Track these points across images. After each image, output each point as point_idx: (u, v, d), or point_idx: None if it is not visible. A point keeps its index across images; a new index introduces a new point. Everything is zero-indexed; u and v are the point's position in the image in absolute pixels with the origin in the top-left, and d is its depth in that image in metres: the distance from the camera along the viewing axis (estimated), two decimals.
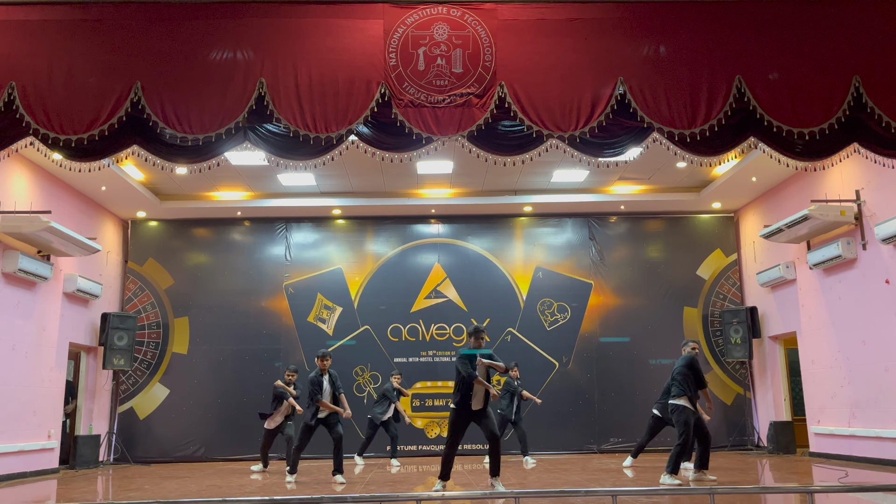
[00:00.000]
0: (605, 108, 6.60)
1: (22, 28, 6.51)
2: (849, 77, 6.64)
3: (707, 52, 6.72)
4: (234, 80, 6.52)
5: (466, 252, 14.07)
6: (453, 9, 6.72)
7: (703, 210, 14.00)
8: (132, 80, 6.44)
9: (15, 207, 10.16)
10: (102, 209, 13.02)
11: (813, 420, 11.66)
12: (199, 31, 6.60)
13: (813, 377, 11.66)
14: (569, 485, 8.42)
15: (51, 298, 11.29)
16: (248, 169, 12.02)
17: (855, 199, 10.42)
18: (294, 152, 6.96)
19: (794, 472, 9.18)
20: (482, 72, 6.64)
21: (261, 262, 13.92)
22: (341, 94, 6.56)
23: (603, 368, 13.59)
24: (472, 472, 10.04)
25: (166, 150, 6.88)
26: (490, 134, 6.87)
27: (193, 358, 13.44)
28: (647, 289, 13.90)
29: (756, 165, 11.41)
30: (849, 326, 10.67)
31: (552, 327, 13.76)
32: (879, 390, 9.97)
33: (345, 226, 14.11)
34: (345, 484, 8.78)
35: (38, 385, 10.86)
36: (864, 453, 10.22)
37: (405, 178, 12.71)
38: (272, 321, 13.66)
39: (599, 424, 13.38)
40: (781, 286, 12.50)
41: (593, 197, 13.46)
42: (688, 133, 6.61)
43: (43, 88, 6.39)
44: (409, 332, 13.70)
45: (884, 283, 9.89)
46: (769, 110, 6.59)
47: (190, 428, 13.13)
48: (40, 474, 10.74)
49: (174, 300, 13.65)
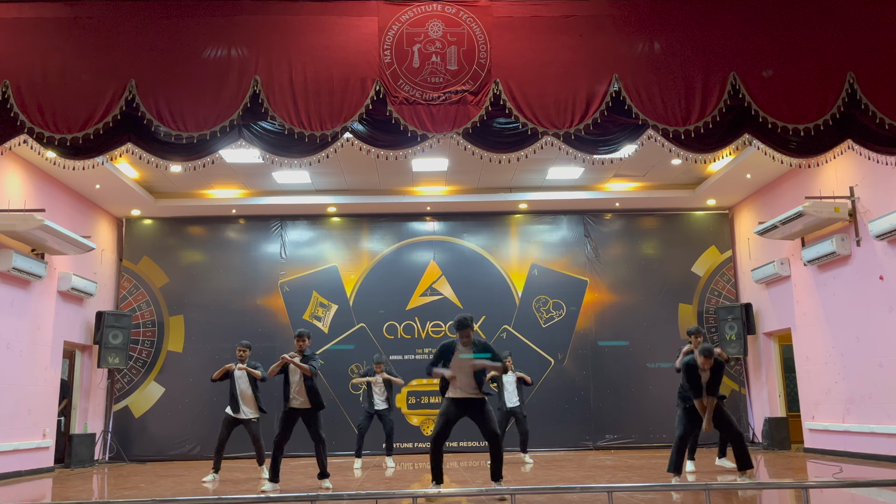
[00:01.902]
0: (600, 105, 6.61)
1: (15, 26, 6.49)
2: (843, 73, 6.66)
3: (702, 48, 6.73)
4: (229, 77, 6.52)
5: (462, 249, 14.07)
6: (448, 6, 6.72)
7: (697, 207, 14.03)
8: (127, 78, 6.43)
9: (9, 205, 10.13)
10: (97, 207, 12.98)
11: (807, 416, 11.70)
12: (194, 29, 6.59)
13: (807, 373, 11.70)
14: (564, 481, 8.44)
15: (45, 297, 11.26)
16: (243, 167, 12.00)
17: (849, 196, 10.45)
18: (289, 150, 6.95)
19: (789, 468, 9.21)
20: (477, 69, 6.64)
21: (256, 260, 13.90)
22: (336, 91, 6.56)
23: (598, 366, 13.61)
24: (468, 470, 10.05)
25: (161, 148, 6.87)
26: (485, 131, 6.88)
27: (189, 356, 13.42)
28: (642, 286, 13.92)
29: (751, 162, 11.43)
30: (843, 322, 10.71)
31: (548, 324, 13.78)
32: (873, 386, 10.01)
33: (340, 223, 14.10)
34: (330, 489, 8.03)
35: (33, 384, 10.84)
36: (859, 449, 10.26)
37: (400, 175, 12.70)
38: (267, 319, 13.65)
39: (595, 421, 13.41)
40: (776, 283, 12.54)
41: (588, 194, 13.47)
42: (682, 130, 6.63)
43: (37, 87, 6.38)
44: (404, 330, 13.70)
45: (878, 280, 9.93)
46: (764, 107, 6.61)
47: (185, 426, 13.11)
48: (35, 473, 10.72)
49: (169, 298, 13.63)
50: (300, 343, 8.37)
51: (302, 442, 9.62)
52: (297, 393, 8.24)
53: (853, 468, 9.05)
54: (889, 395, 9.68)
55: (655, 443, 13.22)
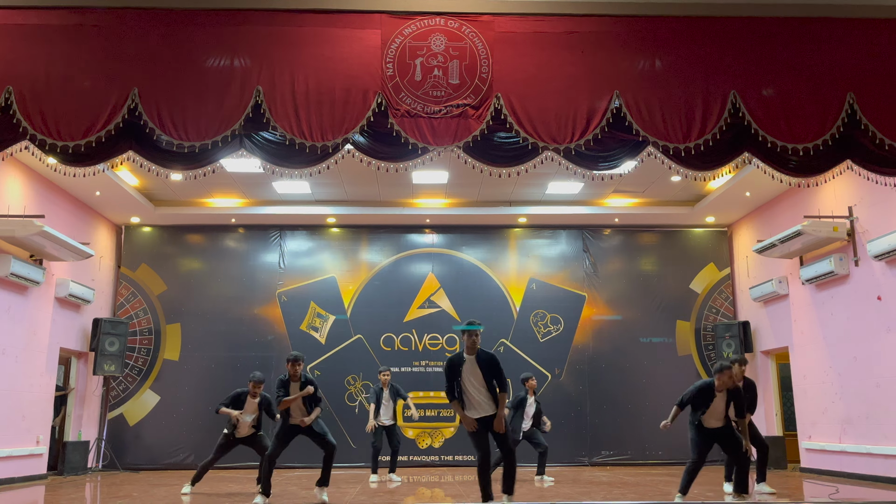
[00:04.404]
0: (601, 122, 6.64)
1: (20, 32, 6.52)
2: (843, 94, 6.70)
3: (702, 67, 6.77)
4: (231, 87, 6.54)
5: (460, 262, 14.07)
6: (451, 20, 6.75)
7: (696, 224, 14.05)
8: (129, 86, 6.46)
9: (8, 211, 10.13)
10: (96, 214, 12.98)
11: (804, 435, 11.67)
12: (197, 39, 6.62)
13: (804, 392, 11.68)
14: (560, 497, 8.40)
15: (42, 303, 11.24)
16: (243, 176, 12.01)
17: (848, 216, 10.47)
18: (290, 160, 6.97)
19: (785, 488, 9.18)
20: (479, 83, 6.67)
21: (254, 269, 13.89)
22: (338, 103, 6.58)
23: (595, 381, 13.59)
24: (462, 484, 10.01)
25: (162, 157, 6.89)
26: (486, 145, 6.90)
27: (185, 365, 13.38)
28: (640, 302, 13.92)
29: (750, 180, 11.46)
30: (840, 342, 10.70)
31: (545, 339, 13.76)
32: (870, 406, 9.99)
33: (339, 234, 14.11)
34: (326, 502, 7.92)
35: (28, 390, 10.80)
36: (855, 469, 10.23)
37: (400, 187, 12.72)
38: (265, 329, 13.62)
39: (591, 437, 13.37)
40: (774, 301, 12.54)
41: (588, 209, 13.49)
42: (682, 147, 6.65)
43: (40, 93, 6.40)
44: (401, 342, 13.68)
45: (875, 300, 9.93)
46: (763, 126, 6.64)
47: (180, 435, 13.06)
48: (28, 480, 10.66)
49: (166, 306, 13.60)
50: (297, 367, 7.94)
51: (298, 453, 9.57)
52: (297, 410, 7.97)
53: (849, 489, 9.02)
54: (886, 416, 9.66)
55: (651, 460, 13.18)
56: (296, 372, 7.92)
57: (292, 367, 7.91)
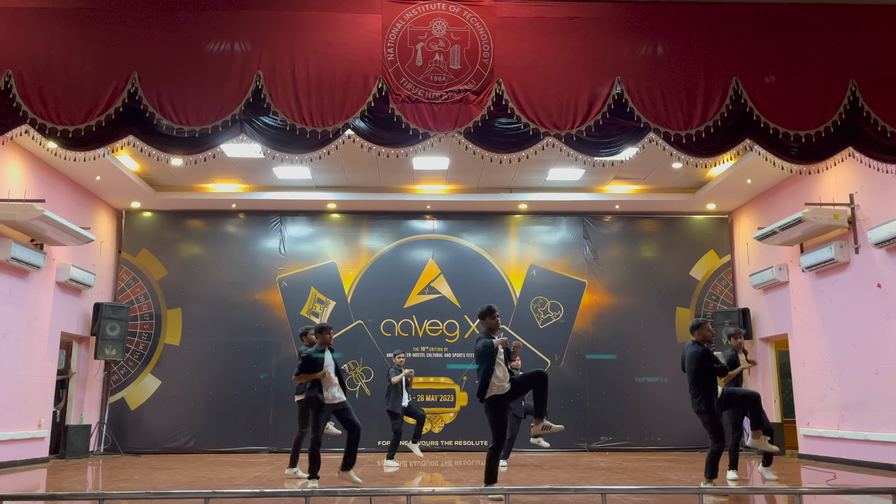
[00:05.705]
0: (602, 108, 6.62)
1: (20, 15, 6.49)
2: (845, 81, 6.68)
3: (704, 53, 6.75)
4: (232, 72, 6.52)
5: (461, 248, 14.08)
6: (452, 5, 6.72)
7: (697, 211, 14.03)
8: (129, 70, 6.44)
9: (9, 195, 10.13)
10: (97, 199, 12.98)
11: (802, 422, 11.71)
12: (198, 23, 6.59)
13: (803, 379, 11.71)
14: (558, 482, 8.45)
15: (43, 287, 11.26)
16: (244, 161, 11.99)
17: (848, 203, 10.46)
18: (290, 146, 6.96)
19: (783, 474, 9.22)
20: (480, 69, 6.64)
21: (255, 254, 13.90)
22: (338, 88, 6.56)
23: (594, 367, 13.62)
24: (461, 469, 10.06)
25: (162, 141, 6.87)
26: (486, 131, 6.89)
27: (185, 349, 13.42)
28: (640, 288, 13.93)
29: (751, 167, 11.44)
30: (840, 329, 10.72)
31: (545, 325, 13.78)
32: (869, 393, 10.03)
33: (339, 220, 14.10)
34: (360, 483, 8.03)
35: (29, 374, 10.84)
36: (853, 456, 10.28)
37: (401, 173, 12.70)
38: (265, 314, 13.65)
39: (590, 423, 13.42)
40: (774, 288, 12.55)
41: (588, 196, 13.48)
42: (684, 134, 6.64)
43: (40, 77, 6.38)
44: (402, 328, 13.70)
45: (875, 287, 9.94)
46: (765, 112, 6.63)
47: (181, 419, 13.12)
48: (30, 463, 10.72)
49: (167, 291, 13.62)
50: (327, 336, 8.39)
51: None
52: (331, 387, 8.26)
53: (847, 475, 9.06)
54: (884, 403, 9.70)
55: (650, 445, 13.23)
56: (327, 341, 8.39)
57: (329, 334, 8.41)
